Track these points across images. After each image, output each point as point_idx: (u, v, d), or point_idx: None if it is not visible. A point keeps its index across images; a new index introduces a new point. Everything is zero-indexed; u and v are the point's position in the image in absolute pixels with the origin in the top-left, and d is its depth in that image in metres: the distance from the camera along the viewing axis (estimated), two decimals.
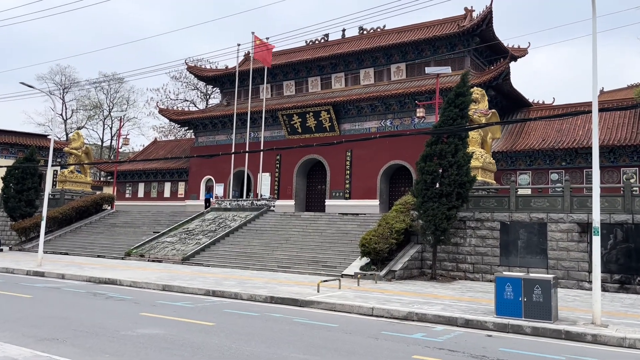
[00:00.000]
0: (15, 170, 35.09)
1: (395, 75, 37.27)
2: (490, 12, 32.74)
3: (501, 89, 32.42)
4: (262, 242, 26.68)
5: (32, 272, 20.77)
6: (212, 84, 49.50)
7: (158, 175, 46.93)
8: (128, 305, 13.57)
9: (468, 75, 20.93)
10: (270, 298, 15.00)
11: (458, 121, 19.46)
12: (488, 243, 20.88)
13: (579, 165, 29.81)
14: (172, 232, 30.34)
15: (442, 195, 19.64)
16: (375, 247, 20.16)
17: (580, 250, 19.09)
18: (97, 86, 66.70)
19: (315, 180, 39.48)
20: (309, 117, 37.73)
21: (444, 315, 12.50)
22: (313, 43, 42.97)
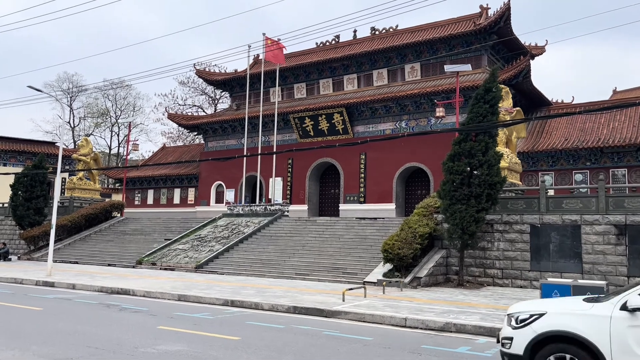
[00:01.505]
0: (23, 177, 34.43)
1: (409, 76, 36.39)
2: (509, 8, 31.86)
3: (521, 88, 31.47)
4: (277, 248, 25.79)
5: (41, 282, 19.97)
6: (222, 88, 48.84)
7: (167, 181, 46.23)
8: (144, 317, 12.70)
9: (498, 70, 19.99)
10: (293, 308, 14.10)
11: (488, 117, 18.50)
12: (517, 247, 19.86)
13: (605, 165, 28.75)
14: (183, 239, 29.52)
15: (471, 196, 18.67)
16: (399, 253, 19.21)
17: (618, 253, 18.05)
18: (104, 93, 66.30)
19: (328, 185, 38.60)
20: (322, 120, 36.89)
21: (484, 325, 11.53)
22: (324, 44, 42.22)
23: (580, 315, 6.54)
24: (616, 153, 28.60)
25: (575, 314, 6.61)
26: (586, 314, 6.52)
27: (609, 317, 6.30)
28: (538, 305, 7.11)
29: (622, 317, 6.22)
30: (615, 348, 6.12)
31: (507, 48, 35.19)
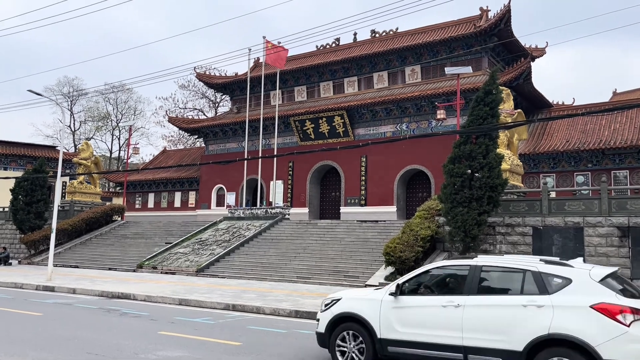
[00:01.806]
0: (24, 181, 34.36)
1: (410, 78, 36.34)
2: (509, 10, 31.81)
3: (522, 90, 31.39)
4: (278, 251, 25.70)
5: (41, 286, 19.89)
6: (222, 91, 48.80)
7: (168, 184, 46.16)
8: (144, 322, 12.61)
9: (497, 72, 19.93)
10: (295, 312, 14.01)
11: (488, 120, 18.42)
12: (520, 250, 19.76)
13: (606, 166, 28.66)
14: (184, 242, 29.43)
15: (473, 199, 18.58)
16: (400, 256, 19.11)
17: (621, 255, 17.95)
18: (105, 97, 66.31)
19: (329, 187, 38.52)
20: (322, 123, 36.84)
21: None
22: (324, 47, 42.20)
23: (362, 299, 8.11)
24: (617, 155, 28.51)
25: (359, 299, 8.16)
26: (366, 298, 8.08)
27: (380, 301, 7.81)
28: (340, 293, 8.64)
29: (389, 300, 7.74)
30: (383, 325, 7.68)
31: (508, 50, 35.15)
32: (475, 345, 6.97)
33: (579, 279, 6.77)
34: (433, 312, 7.41)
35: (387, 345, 7.67)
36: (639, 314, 6.31)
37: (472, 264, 7.54)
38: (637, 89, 48.72)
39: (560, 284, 6.80)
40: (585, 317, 6.43)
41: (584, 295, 6.58)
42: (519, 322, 6.76)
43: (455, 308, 7.22)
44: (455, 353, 7.11)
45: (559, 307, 6.61)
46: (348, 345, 7.98)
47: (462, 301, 7.22)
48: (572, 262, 7.41)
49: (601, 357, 6.19)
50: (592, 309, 6.42)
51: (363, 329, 7.85)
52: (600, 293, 6.55)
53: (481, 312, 7.08)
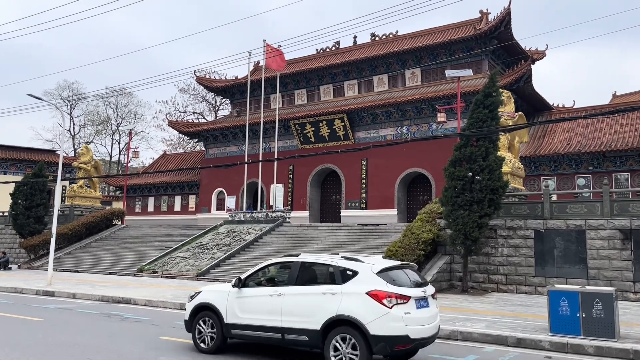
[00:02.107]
0: (23, 186, 34.27)
1: (410, 81, 36.33)
2: (509, 13, 31.83)
3: (522, 92, 31.38)
4: (279, 255, 25.53)
5: (41, 291, 19.78)
6: (222, 94, 48.81)
7: (168, 188, 46.10)
8: (145, 327, 12.53)
9: (497, 75, 19.90)
10: None
11: (488, 122, 18.38)
12: (522, 253, 19.69)
13: (607, 169, 28.62)
14: (185, 246, 29.34)
15: (473, 202, 18.52)
16: (402, 259, 19.01)
17: (624, 258, 17.87)
18: (105, 101, 66.31)
19: (329, 191, 38.46)
20: (323, 126, 36.81)
21: (491, 333, 11.37)
22: (324, 50, 42.23)
23: (215, 291, 9.71)
24: (619, 157, 28.47)
25: (213, 291, 9.79)
26: (218, 290, 9.70)
27: (228, 292, 9.37)
28: (202, 287, 10.29)
29: (233, 292, 9.32)
30: (228, 312, 9.24)
31: (508, 53, 35.16)
32: (290, 326, 8.53)
33: (363, 272, 8.33)
34: (263, 300, 8.96)
35: (231, 329, 9.22)
36: (401, 298, 8.01)
37: (294, 260, 9.14)
38: (637, 91, 48.76)
39: (350, 276, 8.37)
40: (362, 301, 8.04)
41: (364, 285, 8.15)
42: (319, 307, 8.32)
43: (278, 296, 8.79)
44: (276, 333, 8.68)
45: (346, 294, 8.20)
46: (204, 330, 9.52)
47: (283, 291, 8.81)
48: (365, 259, 8.78)
49: (369, 332, 7.83)
50: (367, 295, 8.03)
51: (215, 316, 9.41)
52: (375, 283, 8.12)
53: (295, 299, 8.64)
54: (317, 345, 8.38)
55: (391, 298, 7.97)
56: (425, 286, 8.71)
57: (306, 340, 8.44)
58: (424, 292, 8.51)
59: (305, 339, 8.42)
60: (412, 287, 8.38)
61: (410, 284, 8.49)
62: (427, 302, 8.51)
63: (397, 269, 8.68)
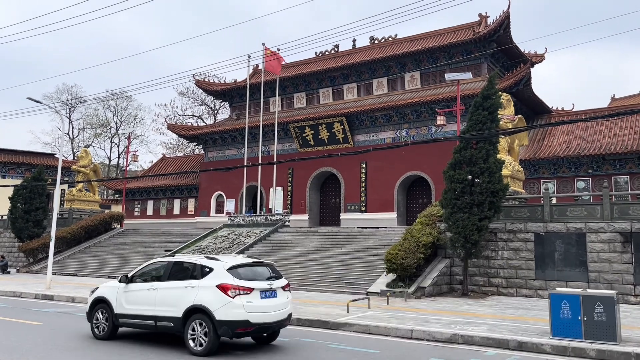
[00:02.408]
0: (22, 189, 34.21)
1: (409, 84, 36.35)
2: (508, 16, 31.86)
3: (521, 96, 31.39)
4: (279, 258, 25.52)
5: (40, 295, 19.71)
6: (221, 98, 48.78)
7: (167, 192, 46.03)
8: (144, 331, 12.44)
9: (496, 78, 19.91)
10: (297, 320, 13.84)
11: (487, 125, 18.38)
12: (522, 256, 19.66)
13: (607, 172, 28.62)
14: (184, 250, 29.27)
15: (473, 204, 18.50)
16: (402, 263, 19.00)
17: (624, 261, 17.85)
18: (104, 104, 66.27)
19: (329, 194, 38.42)
20: (322, 129, 36.80)
21: (493, 337, 11.32)
22: (323, 54, 42.24)
23: (109, 287, 11.44)
24: (618, 160, 28.47)
25: (108, 287, 11.50)
26: (111, 286, 11.44)
27: (118, 287, 11.15)
28: (101, 284, 12.03)
29: (122, 287, 11.07)
30: (117, 304, 10.95)
31: (507, 56, 35.20)
32: (160, 315, 10.21)
33: (217, 269, 10.02)
34: (142, 293, 10.63)
35: (119, 318, 10.90)
36: (243, 290, 9.68)
37: (168, 260, 11.05)
38: (635, 94, 48.90)
39: (207, 272, 10.06)
40: (212, 293, 9.69)
41: (216, 279, 9.81)
42: (182, 298, 9.95)
43: (153, 290, 10.50)
44: (151, 321, 10.39)
45: (202, 287, 9.84)
46: (100, 319, 11.22)
47: (157, 286, 10.52)
48: (223, 258, 10.60)
49: (215, 318, 9.46)
50: (216, 287, 9.68)
51: (107, 307, 11.13)
52: (225, 277, 9.79)
53: (165, 292, 10.31)
54: (180, 330, 9.95)
55: (235, 290, 9.65)
56: (274, 280, 10.39)
57: (172, 326, 10.09)
58: (271, 285, 10.16)
59: (171, 325, 10.08)
60: (257, 281, 10.03)
61: (258, 278, 10.15)
62: (274, 293, 10.18)
63: (248, 266, 10.40)
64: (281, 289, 10.41)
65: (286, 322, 10.54)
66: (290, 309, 10.73)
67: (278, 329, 10.65)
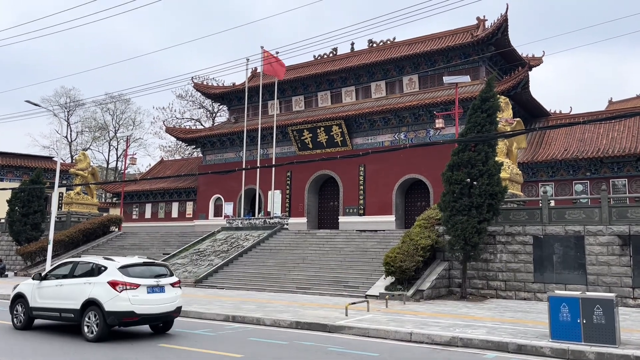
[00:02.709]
0: (20, 193, 34.14)
1: (407, 87, 36.41)
2: (506, 20, 31.95)
3: (519, 99, 31.47)
4: (277, 262, 25.53)
5: None
6: (220, 101, 48.78)
7: (165, 195, 45.97)
8: (144, 335, 12.42)
9: (494, 80, 19.95)
10: (295, 323, 13.84)
11: (486, 127, 18.41)
12: (520, 259, 19.67)
13: (605, 175, 28.68)
14: (182, 253, 29.23)
15: (472, 207, 18.51)
16: (401, 266, 18.98)
17: (623, 264, 17.87)
18: (102, 107, 66.23)
19: (327, 197, 38.41)
20: (320, 132, 36.82)
21: (492, 340, 11.31)
22: (321, 57, 42.30)
23: (27, 284, 13.02)
24: (616, 163, 28.54)
25: (25, 284, 13.11)
26: (28, 283, 13.04)
27: (33, 284, 12.78)
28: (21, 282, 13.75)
29: (35, 283, 12.73)
30: (32, 298, 12.59)
31: (505, 59, 35.28)
32: (64, 307, 11.87)
33: (110, 267, 11.78)
34: (52, 289, 12.30)
35: (33, 311, 12.56)
36: (130, 285, 11.37)
37: (74, 260, 12.87)
38: (633, 97, 49.04)
39: (102, 270, 11.80)
40: (104, 288, 11.39)
41: (108, 276, 11.54)
42: (81, 292, 11.64)
43: (60, 286, 12.18)
44: (56, 312, 12.08)
45: (97, 283, 11.54)
46: (19, 312, 12.86)
47: (63, 282, 12.21)
48: (117, 258, 12.41)
49: (105, 309, 11.13)
50: (107, 283, 11.40)
51: (24, 301, 12.73)
52: (115, 275, 11.52)
53: (69, 287, 11.99)
54: (78, 320, 11.58)
55: (122, 285, 11.35)
56: (163, 278, 12.11)
57: (72, 316, 11.74)
58: (158, 282, 11.85)
59: (72, 315, 11.72)
60: (146, 278, 11.74)
61: (146, 276, 11.84)
62: (162, 289, 11.87)
63: (139, 265, 12.12)
64: (170, 286, 12.07)
65: (174, 314, 12.15)
66: (179, 302, 12.26)
67: (166, 320, 12.24)
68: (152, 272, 12.08)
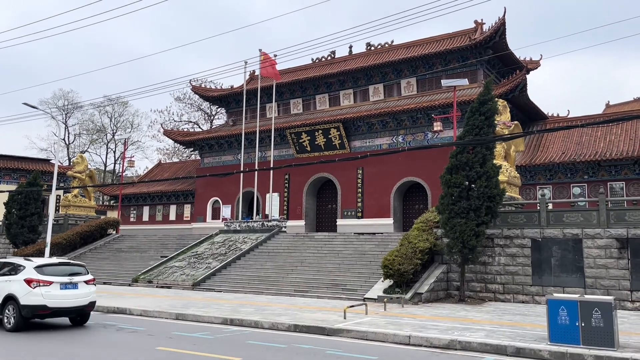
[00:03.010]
0: (17, 195, 34.03)
1: (405, 90, 36.46)
2: (503, 23, 32.04)
3: (517, 102, 31.53)
4: (275, 264, 25.49)
5: None
6: (218, 104, 48.80)
7: (163, 197, 45.90)
8: (142, 337, 12.39)
9: (492, 83, 19.99)
10: (294, 327, 13.82)
11: (484, 130, 18.43)
12: (519, 262, 19.67)
13: (602, 178, 28.73)
14: (180, 256, 29.16)
15: (470, 210, 18.51)
16: (399, 269, 18.96)
17: (620, 267, 17.88)
18: (100, 110, 66.15)
19: (325, 200, 38.41)
20: (318, 135, 36.84)
21: (490, 343, 11.31)
22: (319, 60, 42.35)
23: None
24: (614, 166, 28.60)
25: None
26: None
27: None
28: None
29: None
30: None
31: (503, 63, 35.37)
32: None
33: (27, 267, 13.48)
34: None
35: None
36: (43, 282, 13.06)
37: (1, 261, 14.49)
38: (630, 100, 49.20)
39: (21, 270, 13.51)
40: (20, 285, 13.10)
41: (24, 275, 13.25)
42: (3, 289, 13.33)
43: None
44: None
45: (15, 281, 13.22)
46: None
47: None
48: (35, 259, 14.12)
49: (20, 302, 12.85)
50: (23, 281, 13.11)
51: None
52: (30, 273, 13.24)
53: None
54: (1, 312, 13.13)
55: (36, 282, 13.02)
56: (77, 276, 13.71)
57: None
58: (71, 279, 13.48)
59: None
60: (59, 276, 13.33)
61: (60, 274, 13.43)
62: (75, 286, 13.48)
63: (55, 265, 13.80)
64: (84, 283, 13.73)
65: (87, 308, 13.77)
66: (92, 298, 13.86)
67: (80, 313, 13.82)
68: (66, 271, 13.68)
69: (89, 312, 14.14)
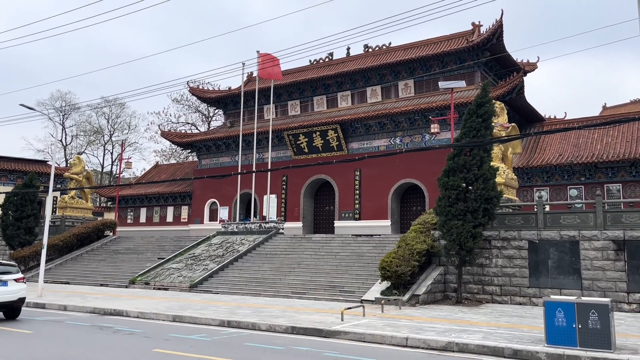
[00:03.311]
0: (14, 197, 33.92)
1: (403, 92, 36.50)
2: (501, 25, 32.12)
3: (514, 104, 31.59)
4: (273, 266, 25.47)
5: (32, 303, 19.47)
6: (215, 105, 48.78)
7: (160, 199, 45.83)
8: (138, 339, 12.36)
9: (489, 85, 20.03)
10: (291, 328, 13.80)
11: (482, 132, 18.46)
12: (516, 263, 19.69)
13: (599, 180, 28.80)
14: (177, 257, 29.10)
15: (468, 212, 18.53)
16: (396, 271, 18.96)
17: (617, 269, 17.91)
18: (97, 111, 66.00)
19: (323, 201, 38.40)
20: (316, 137, 36.84)
21: (488, 345, 11.30)
22: (317, 62, 42.38)
23: None
24: (610, 168, 28.67)
25: None
26: None
27: None
28: None
29: None
30: None
31: (500, 65, 35.45)
32: None
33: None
34: None
35: None
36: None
37: None
38: (626, 103, 49.39)
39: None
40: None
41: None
42: None
43: None
44: None
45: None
46: None
47: None
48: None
49: None
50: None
51: None
52: None
53: None
54: None
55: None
56: (6, 275, 15.13)
57: None
58: (1, 278, 14.86)
59: None
60: None
61: None
62: (4, 283, 14.90)
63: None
64: (14, 281, 15.14)
65: (17, 303, 15.12)
66: (22, 294, 15.27)
67: (10, 308, 15.18)
68: None
69: (20, 307, 15.50)
